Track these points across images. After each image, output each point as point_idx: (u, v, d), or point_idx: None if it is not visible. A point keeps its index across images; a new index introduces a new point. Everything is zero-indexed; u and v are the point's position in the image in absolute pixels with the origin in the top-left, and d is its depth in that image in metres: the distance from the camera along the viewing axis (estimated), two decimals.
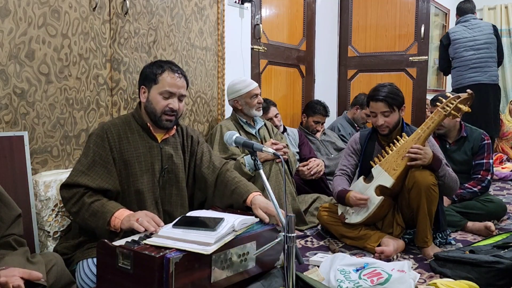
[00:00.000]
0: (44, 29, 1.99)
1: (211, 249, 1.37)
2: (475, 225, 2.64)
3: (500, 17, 6.78)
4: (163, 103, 1.77)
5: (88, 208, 1.63)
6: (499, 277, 1.80)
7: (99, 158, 1.71)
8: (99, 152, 1.72)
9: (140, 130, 1.81)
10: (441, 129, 2.85)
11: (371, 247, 2.27)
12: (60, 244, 1.82)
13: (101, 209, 1.62)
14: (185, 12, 2.72)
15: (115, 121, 1.81)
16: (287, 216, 1.28)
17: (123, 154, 1.75)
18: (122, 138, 1.77)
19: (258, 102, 2.77)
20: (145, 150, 1.80)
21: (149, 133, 1.82)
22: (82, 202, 1.64)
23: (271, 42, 3.67)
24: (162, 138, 1.85)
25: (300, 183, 2.97)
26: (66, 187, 1.69)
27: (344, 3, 4.43)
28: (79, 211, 1.65)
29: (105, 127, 1.77)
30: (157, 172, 1.81)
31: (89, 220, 1.63)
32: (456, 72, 4.10)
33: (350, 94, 4.46)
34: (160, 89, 1.77)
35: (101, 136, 1.74)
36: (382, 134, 2.39)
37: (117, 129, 1.77)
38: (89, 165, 1.70)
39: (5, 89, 1.88)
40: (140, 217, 1.55)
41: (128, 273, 1.35)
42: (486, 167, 2.82)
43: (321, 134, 3.64)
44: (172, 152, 1.87)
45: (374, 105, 2.34)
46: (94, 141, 1.73)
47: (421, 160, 2.15)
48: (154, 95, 1.78)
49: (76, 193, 1.66)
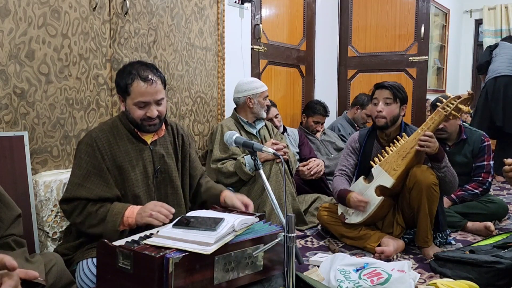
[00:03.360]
0: (44, 29, 1.99)
1: (211, 249, 1.37)
2: (475, 225, 2.64)
3: (500, 17, 6.78)
4: (140, 112, 1.71)
5: (95, 215, 1.63)
6: (499, 277, 1.80)
7: (92, 168, 1.68)
8: (91, 162, 1.68)
9: (128, 134, 1.78)
10: (444, 134, 2.84)
11: (371, 247, 2.27)
12: (61, 245, 1.81)
13: (109, 213, 1.62)
14: (185, 12, 2.72)
15: (103, 127, 1.76)
16: (287, 216, 1.28)
17: (116, 160, 1.72)
18: (112, 144, 1.73)
19: (267, 104, 2.84)
20: (136, 153, 1.77)
21: (137, 137, 1.79)
22: (87, 211, 1.64)
23: (271, 42, 3.67)
24: (151, 140, 1.82)
25: (300, 183, 2.97)
26: (65, 201, 1.68)
27: (344, 3, 4.43)
28: (85, 221, 1.64)
29: (93, 135, 1.72)
30: (150, 174, 1.80)
31: (98, 226, 1.63)
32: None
33: (350, 94, 4.46)
34: (133, 100, 1.70)
35: (90, 145, 1.69)
36: (379, 127, 2.39)
37: (106, 136, 1.73)
38: (84, 176, 1.67)
39: (5, 89, 1.88)
40: (151, 209, 1.58)
41: (128, 273, 1.35)
42: (487, 169, 2.81)
43: (321, 134, 3.64)
44: (163, 152, 1.85)
45: (379, 92, 2.39)
46: (84, 151, 1.69)
47: (430, 148, 2.14)
48: (130, 105, 1.71)
49: (78, 205, 1.65)
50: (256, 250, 1.46)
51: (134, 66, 1.72)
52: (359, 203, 2.26)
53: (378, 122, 2.37)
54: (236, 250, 1.47)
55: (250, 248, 1.51)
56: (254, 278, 1.54)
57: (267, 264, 1.58)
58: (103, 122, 1.84)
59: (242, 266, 1.50)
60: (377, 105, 2.37)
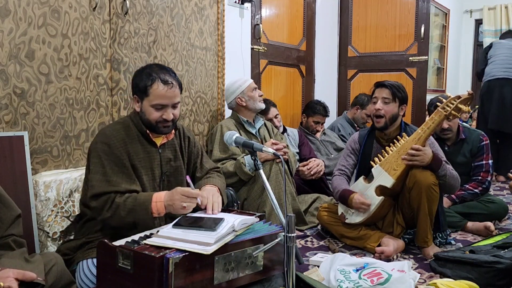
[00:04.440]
0: (44, 29, 1.99)
1: (211, 249, 1.37)
2: (475, 225, 2.64)
3: (500, 17, 6.78)
4: (157, 114, 1.73)
5: (123, 206, 1.63)
6: (499, 277, 1.80)
7: (114, 165, 1.69)
8: (111, 159, 1.69)
9: (139, 135, 1.79)
10: (449, 133, 2.84)
11: (371, 247, 2.27)
12: (63, 245, 1.82)
13: (136, 202, 1.63)
14: (185, 12, 2.72)
15: (116, 127, 1.77)
16: (287, 216, 1.27)
17: (129, 158, 1.73)
18: (127, 143, 1.74)
19: (259, 94, 2.83)
20: (145, 155, 1.78)
21: (148, 139, 1.80)
22: (116, 204, 1.64)
23: (271, 42, 3.67)
24: (160, 143, 1.83)
25: (300, 183, 2.97)
26: (94, 198, 1.66)
27: (344, 3, 4.43)
28: (114, 214, 1.63)
29: (108, 133, 1.73)
30: (157, 177, 1.81)
31: (128, 217, 1.63)
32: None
33: (350, 94, 4.46)
34: (151, 102, 1.72)
35: (107, 143, 1.70)
36: (377, 128, 2.39)
37: (121, 135, 1.74)
38: (108, 173, 1.67)
39: (5, 89, 1.88)
40: (177, 200, 1.60)
41: (128, 273, 1.35)
42: (486, 168, 2.82)
43: (321, 134, 3.64)
44: (171, 156, 1.86)
45: (378, 91, 2.39)
46: (101, 149, 1.70)
47: (419, 161, 2.15)
48: (147, 107, 1.73)
49: (107, 199, 1.64)
50: (256, 250, 1.46)
51: (153, 69, 1.74)
52: (361, 205, 2.26)
53: (377, 124, 2.37)
54: (236, 250, 1.47)
55: (250, 248, 1.51)
56: (254, 278, 1.55)
57: (267, 264, 1.58)
58: (115, 122, 1.85)
59: (242, 266, 1.50)
60: (376, 103, 2.37)
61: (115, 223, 1.66)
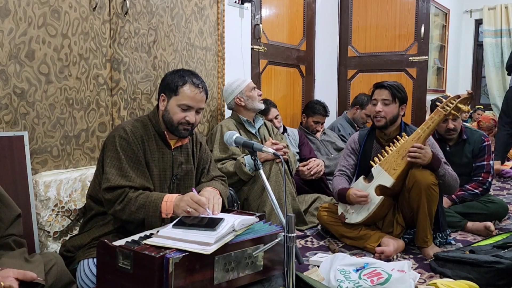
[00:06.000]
0: (44, 29, 1.99)
1: (211, 249, 1.37)
2: (475, 225, 2.64)
3: (500, 17, 6.79)
4: (181, 115, 1.78)
5: (134, 201, 1.65)
6: (499, 277, 1.80)
7: (130, 161, 1.72)
8: (129, 154, 1.72)
9: (156, 135, 1.82)
10: (454, 133, 2.83)
11: (371, 247, 2.27)
12: (68, 240, 1.84)
13: (148, 199, 1.65)
14: (185, 12, 2.72)
15: (135, 124, 1.81)
16: (287, 216, 1.27)
17: (145, 156, 1.77)
18: (144, 141, 1.78)
19: (258, 94, 2.83)
20: (159, 155, 1.82)
21: (164, 140, 1.83)
22: (128, 198, 1.66)
23: (271, 42, 3.67)
24: (175, 145, 1.86)
25: (300, 183, 2.97)
26: (109, 190, 1.68)
27: (344, 3, 4.43)
28: (125, 208, 1.66)
29: (127, 129, 1.76)
30: (168, 179, 1.84)
31: (137, 212, 1.65)
32: None
33: (350, 94, 4.46)
34: (179, 101, 1.77)
35: (125, 139, 1.73)
36: (378, 127, 2.39)
37: (139, 132, 1.78)
38: (124, 168, 1.70)
39: (5, 89, 1.88)
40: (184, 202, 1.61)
41: (128, 273, 1.35)
42: (487, 169, 2.81)
43: (321, 134, 3.64)
44: (183, 159, 1.89)
45: (378, 92, 2.39)
46: (119, 144, 1.72)
47: (420, 159, 2.16)
48: (173, 105, 1.78)
49: (122, 192, 1.67)
50: (256, 250, 1.46)
51: (187, 72, 1.83)
52: (359, 198, 2.26)
53: (377, 122, 2.38)
54: (236, 250, 1.47)
55: (250, 248, 1.51)
56: (254, 278, 1.55)
57: (267, 264, 1.58)
58: (134, 119, 1.88)
59: (242, 266, 1.50)
60: (376, 105, 2.37)
61: (124, 217, 1.68)
